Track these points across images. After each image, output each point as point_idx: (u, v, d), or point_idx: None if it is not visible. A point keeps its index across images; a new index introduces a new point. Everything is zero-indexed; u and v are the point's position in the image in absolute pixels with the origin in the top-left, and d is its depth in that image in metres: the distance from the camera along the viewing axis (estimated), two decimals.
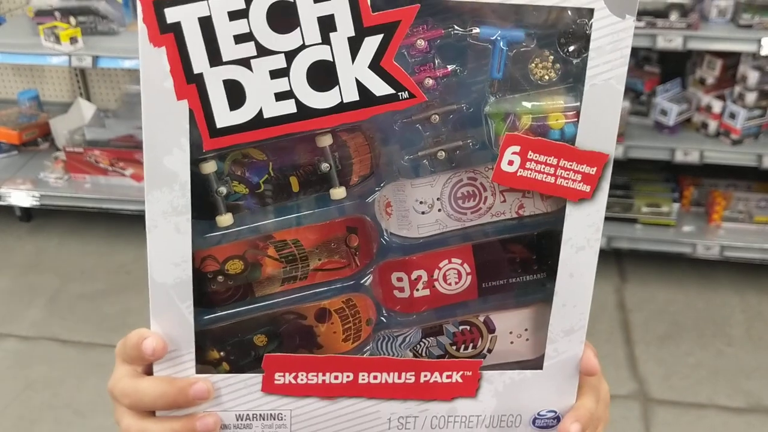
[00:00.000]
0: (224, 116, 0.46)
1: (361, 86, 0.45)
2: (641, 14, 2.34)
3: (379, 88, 0.45)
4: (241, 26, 0.44)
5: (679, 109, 2.60)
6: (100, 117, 3.20)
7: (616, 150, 2.20)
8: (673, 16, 2.34)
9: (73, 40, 2.70)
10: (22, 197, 2.99)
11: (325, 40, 0.44)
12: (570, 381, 0.56)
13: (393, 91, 0.45)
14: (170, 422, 0.52)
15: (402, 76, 0.45)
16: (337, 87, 0.45)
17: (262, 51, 0.45)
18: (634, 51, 2.83)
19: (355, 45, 0.44)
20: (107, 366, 2.47)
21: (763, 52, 2.32)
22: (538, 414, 0.56)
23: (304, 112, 0.46)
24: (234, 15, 0.44)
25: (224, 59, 0.45)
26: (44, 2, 2.82)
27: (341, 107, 0.45)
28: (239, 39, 0.44)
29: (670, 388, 2.41)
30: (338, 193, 0.49)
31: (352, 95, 0.45)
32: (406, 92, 0.45)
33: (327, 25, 0.44)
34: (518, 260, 0.53)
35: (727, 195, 2.80)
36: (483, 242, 0.52)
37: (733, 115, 2.58)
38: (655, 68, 2.78)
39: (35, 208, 3.08)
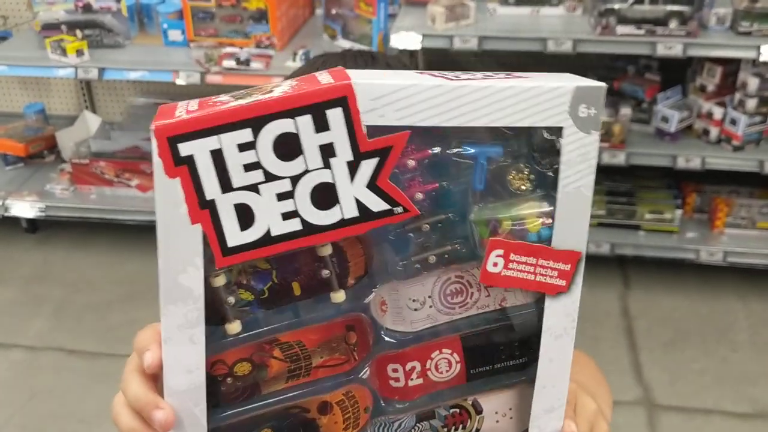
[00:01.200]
0: (235, 236, 0.50)
1: (359, 204, 0.50)
2: (642, 22, 2.37)
3: (376, 204, 0.50)
4: (249, 156, 0.48)
5: (680, 116, 2.62)
6: (106, 129, 3.23)
7: (618, 157, 2.22)
8: (673, 24, 2.36)
9: (79, 52, 2.73)
10: (27, 209, 3.01)
11: (326, 165, 0.49)
12: None
13: (389, 207, 0.50)
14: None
15: (396, 194, 0.51)
16: (338, 205, 0.50)
17: (269, 177, 0.49)
18: (635, 59, 2.86)
19: (353, 168, 0.49)
20: (113, 375, 2.48)
21: (763, 59, 2.34)
22: None
23: (308, 228, 0.50)
24: (243, 147, 0.48)
25: (234, 186, 0.49)
26: (51, 16, 2.86)
27: (342, 223, 0.50)
28: (248, 168, 0.48)
29: (675, 393, 2.41)
30: (338, 297, 0.54)
31: (352, 212, 0.50)
32: (401, 207, 0.51)
33: (327, 152, 0.49)
34: (502, 347, 0.58)
35: (730, 201, 2.80)
36: (470, 333, 0.58)
37: (734, 122, 2.59)
38: (656, 76, 2.79)
39: (41, 219, 3.10)
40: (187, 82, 2.67)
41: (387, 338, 0.56)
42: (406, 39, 2.47)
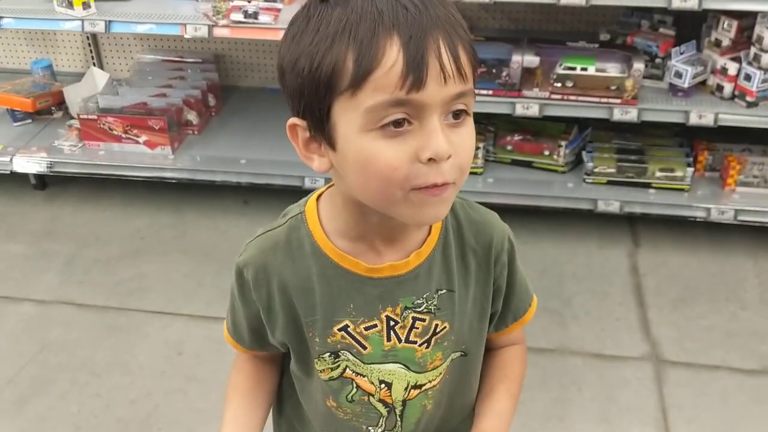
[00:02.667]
0: None
1: None
2: None
3: None
4: None
5: (694, 72, 2.58)
6: (113, 85, 3.21)
7: (630, 113, 2.23)
8: None
9: (85, 5, 2.70)
10: (36, 165, 3.01)
11: None
12: None
13: None
14: None
15: None
16: None
17: None
18: (649, 13, 2.81)
19: None
20: (122, 328, 2.52)
21: None
22: None
23: None
24: None
25: None
26: None
27: None
28: None
29: (683, 350, 2.41)
30: None
31: None
32: None
33: None
34: None
35: (742, 159, 2.77)
36: None
37: (748, 77, 2.55)
38: (670, 31, 2.75)
39: (49, 175, 3.10)
40: (195, 35, 2.64)
41: None
42: None
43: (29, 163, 3.02)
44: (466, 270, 1.06)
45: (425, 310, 1.03)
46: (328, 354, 1.05)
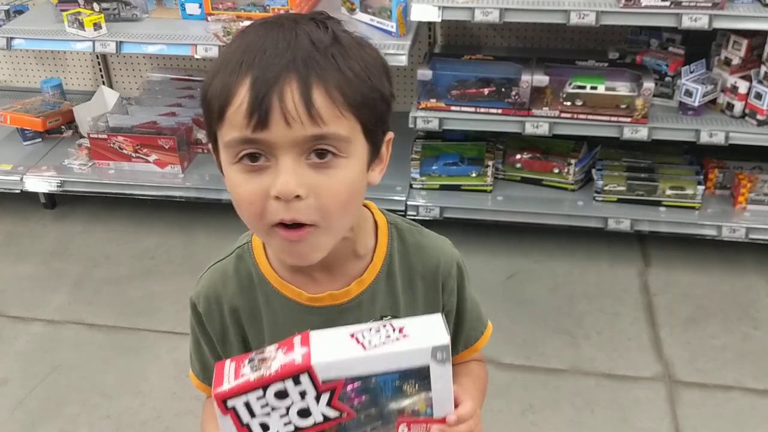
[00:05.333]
0: None
1: (323, 414, 0.89)
2: None
3: (332, 413, 0.89)
4: (262, 402, 0.87)
5: (704, 90, 2.58)
6: (123, 104, 3.22)
7: (640, 132, 2.25)
8: None
9: (96, 26, 2.71)
10: (46, 184, 3.02)
11: (303, 399, 0.88)
12: None
13: (339, 414, 0.90)
14: None
15: (342, 407, 0.89)
16: (312, 416, 0.89)
17: (274, 408, 0.88)
18: (659, 32, 2.81)
19: (317, 398, 0.88)
20: (132, 349, 2.50)
21: None
22: None
23: (298, 429, 0.90)
24: (259, 397, 0.87)
25: (257, 414, 0.88)
26: None
27: (315, 424, 0.90)
28: (263, 406, 0.87)
29: (696, 370, 2.39)
30: None
31: (320, 419, 0.90)
32: (345, 413, 0.90)
33: (303, 393, 0.87)
34: None
35: (753, 177, 2.77)
36: None
37: (759, 96, 2.55)
38: (680, 49, 2.75)
39: (59, 194, 3.11)
40: (205, 55, 2.65)
41: None
42: (425, 11, 2.44)
43: (39, 182, 3.03)
44: (414, 295, 1.08)
45: None
46: None
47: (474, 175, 2.89)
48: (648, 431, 2.19)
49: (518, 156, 2.94)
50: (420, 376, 0.89)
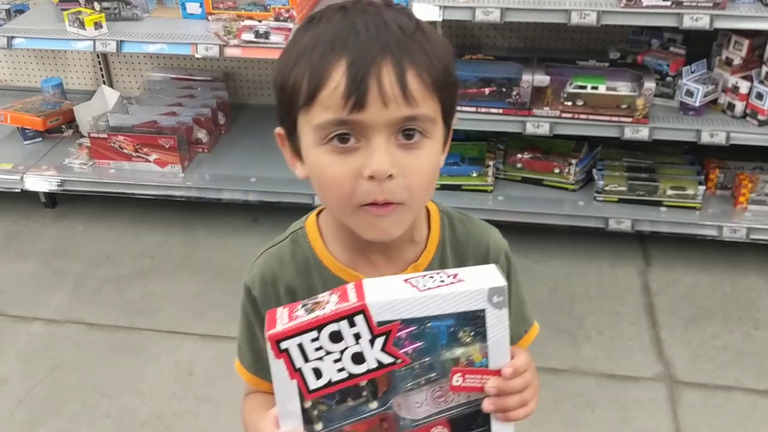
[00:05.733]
0: (313, 384, 0.88)
1: (377, 360, 0.88)
2: None
3: (387, 359, 0.88)
4: (316, 344, 0.86)
5: (705, 90, 2.57)
6: (124, 104, 3.22)
7: (641, 132, 2.25)
8: None
9: (97, 25, 2.71)
10: (46, 183, 3.02)
11: (357, 342, 0.87)
12: None
13: (393, 360, 0.88)
14: None
15: (397, 353, 0.88)
16: (366, 362, 0.87)
17: (327, 352, 0.86)
18: (659, 32, 2.81)
19: (372, 342, 0.86)
20: (132, 348, 2.50)
21: None
22: None
23: (351, 376, 0.88)
24: (313, 340, 0.86)
25: (310, 359, 0.87)
26: None
27: (369, 371, 0.88)
28: (317, 350, 0.86)
29: (696, 370, 2.39)
30: (373, 405, 0.91)
31: (374, 365, 0.88)
32: (400, 360, 0.88)
33: (357, 336, 0.86)
34: (471, 422, 0.94)
35: (754, 177, 2.76)
36: (453, 416, 0.93)
37: (760, 96, 2.54)
38: (681, 49, 2.75)
39: (60, 194, 3.11)
40: (206, 55, 2.65)
41: (404, 424, 0.93)
42: (426, 11, 2.44)
43: (40, 182, 3.02)
44: None
45: None
46: None
47: (475, 174, 2.89)
48: (648, 431, 2.19)
49: (519, 156, 2.94)
50: (476, 324, 0.88)
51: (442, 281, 0.87)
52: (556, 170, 2.88)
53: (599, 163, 2.89)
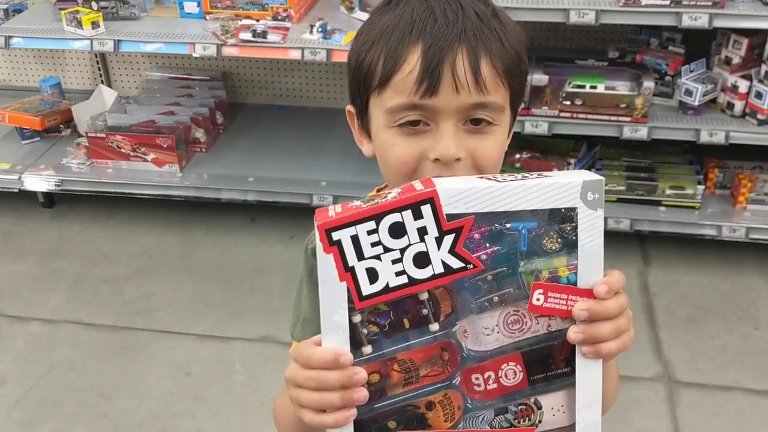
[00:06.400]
0: (366, 288, 0.76)
1: (444, 264, 0.76)
2: None
3: (456, 263, 0.75)
4: (374, 238, 0.74)
5: (704, 90, 2.57)
6: (122, 103, 3.21)
7: (640, 132, 2.21)
8: None
9: (94, 24, 2.71)
10: (44, 183, 3.01)
11: (422, 240, 0.75)
12: None
13: (464, 265, 0.76)
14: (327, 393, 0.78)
15: (468, 256, 0.76)
16: (430, 265, 0.76)
17: (386, 250, 0.75)
18: (658, 31, 2.80)
19: (439, 241, 0.75)
20: (130, 348, 2.49)
21: None
22: None
23: (412, 281, 0.76)
24: (370, 232, 0.74)
25: (365, 257, 0.75)
26: None
27: (434, 277, 0.76)
28: (373, 245, 0.75)
29: (696, 370, 2.39)
30: (434, 327, 0.78)
31: (439, 269, 0.76)
32: (471, 265, 0.76)
33: (422, 232, 0.75)
34: (552, 359, 0.80)
35: (753, 177, 2.76)
36: (528, 350, 0.79)
37: (759, 95, 2.54)
38: (680, 49, 2.74)
39: (58, 193, 3.11)
40: (204, 54, 2.64)
41: (469, 356, 0.80)
42: None
43: (38, 181, 3.02)
44: None
45: None
46: None
47: None
48: (647, 431, 2.19)
49: (517, 155, 2.93)
50: (564, 228, 0.76)
51: (525, 177, 0.76)
52: (555, 170, 2.88)
53: (598, 162, 2.88)
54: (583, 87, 2.60)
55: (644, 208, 2.77)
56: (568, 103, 2.62)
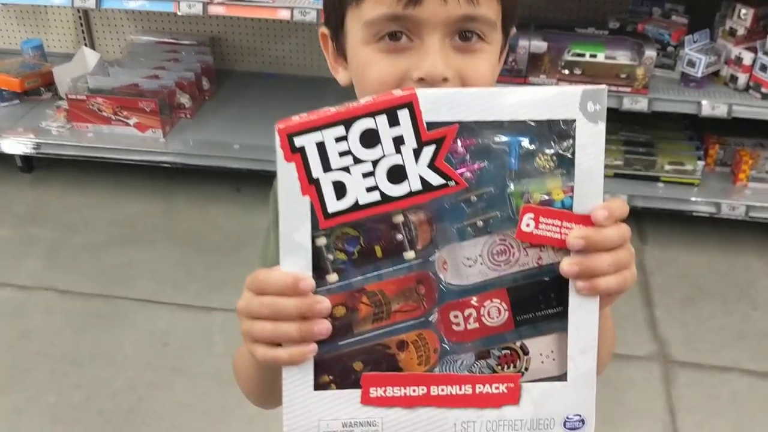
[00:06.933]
0: (333, 205, 0.67)
1: (423, 179, 0.67)
2: None
3: (435, 180, 0.67)
4: (343, 146, 0.66)
5: (707, 61, 2.48)
6: (104, 65, 3.10)
7: (640, 103, 2.10)
8: None
9: None
10: (22, 146, 2.90)
11: (398, 151, 0.67)
12: (589, 390, 0.73)
13: (444, 182, 0.67)
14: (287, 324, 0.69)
15: (450, 171, 0.67)
16: (406, 181, 0.67)
17: (357, 161, 0.66)
18: (660, 1, 2.71)
19: (417, 153, 0.66)
20: (106, 317, 2.38)
21: None
22: (567, 417, 0.74)
23: (385, 199, 0.67)
24: (338, 139, 0.66)
25: (332, 168, 0.66)
26: None
27: (410, 194, 0.67)
28: (342, 154, 0.66)
29: (692, 350, 2.31)
30: (409, 255, 0.69)
31: (417, 186, 0.67)
32: (453, 182, 0.67)
33: (398, 141, 0.66)
34: (542, 297, 0.71)
35: (754, 154, 2.68)
36: (514, 286, 0.71)
37: (764, 68, 2.45)
38: (683, 18, 2.65)
39: (36, 157, 3.00)
40: (189, 12, 2.54)
41: (448, 290, 0.71)
42: None
43: (15, 144, 2.91)
44: None
45: None
46: None
47: None
48: (642, 411, 2.11)
49: None
50: (560, 143, 0.67)
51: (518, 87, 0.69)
52: None
53: None
54: (582, 55, 2.51)
55: (642, 183, 2.69)
56: (566, 72, 2.52)
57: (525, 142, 0.67)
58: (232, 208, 2.88)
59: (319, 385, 0.71)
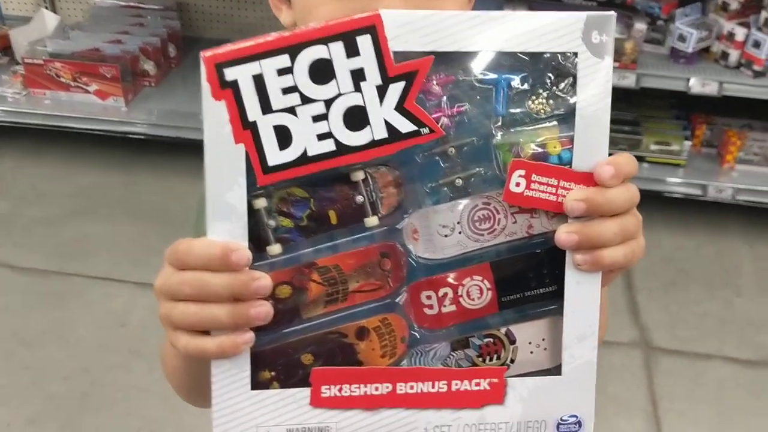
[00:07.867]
0: (275, 156, 0.54)
1: (388, 125, 0.54)
2: None
3: (404, 126, 0.54)
4: (287, 80, 0.52)
5: (698, 36, 2.37)
6: (65, 29, 2.93)
7: (628, 79, 1.96)
8: None
9: None
10: None
11: (357, 89, 0.53)
12: (588, 385, 0.60)
13: (416, 128, 0.54)
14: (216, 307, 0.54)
15: (422, 115, 0.54)
16: (368, 127, 0.54)
17: (305, 100, 0.53)
18: None
19: (382, 91, 0.53)
20: (60, 295, 2.21)
21: None
22: (561, 419, 0.60)
23: (342, 149, 0.54)
24: (281, 72, 0.52)
25: (273, 108, 0.53)
26: None
27: (373, 144, 0.54)
28: (286, 91, 0.53)
29: (674, 337, 2.22)
30: (371, 221, 0.56)
31: (381, 133, 0.54)
32: (427, 128, 0.54)
33: (358, 76, 0.53)
34: (532, 274, 0.59)
35: (742, 135, 2.58)
36: (500, 260, 0.58)
37: (757, 44, 2.35)
38: None
39: None
40: None
41: (419, 265, 0.58)
42: None
43: None
44: None
45: None
46: None
47: None
48: (623, 400, 2.02)
49: None
50: (558, 82, 0.55)
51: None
52: None
53: None
54: None
55: None
56: None
57: (515, 81, 0.55)
58: (196, 182, 2.70)
59: (257, 384, 0.57)
